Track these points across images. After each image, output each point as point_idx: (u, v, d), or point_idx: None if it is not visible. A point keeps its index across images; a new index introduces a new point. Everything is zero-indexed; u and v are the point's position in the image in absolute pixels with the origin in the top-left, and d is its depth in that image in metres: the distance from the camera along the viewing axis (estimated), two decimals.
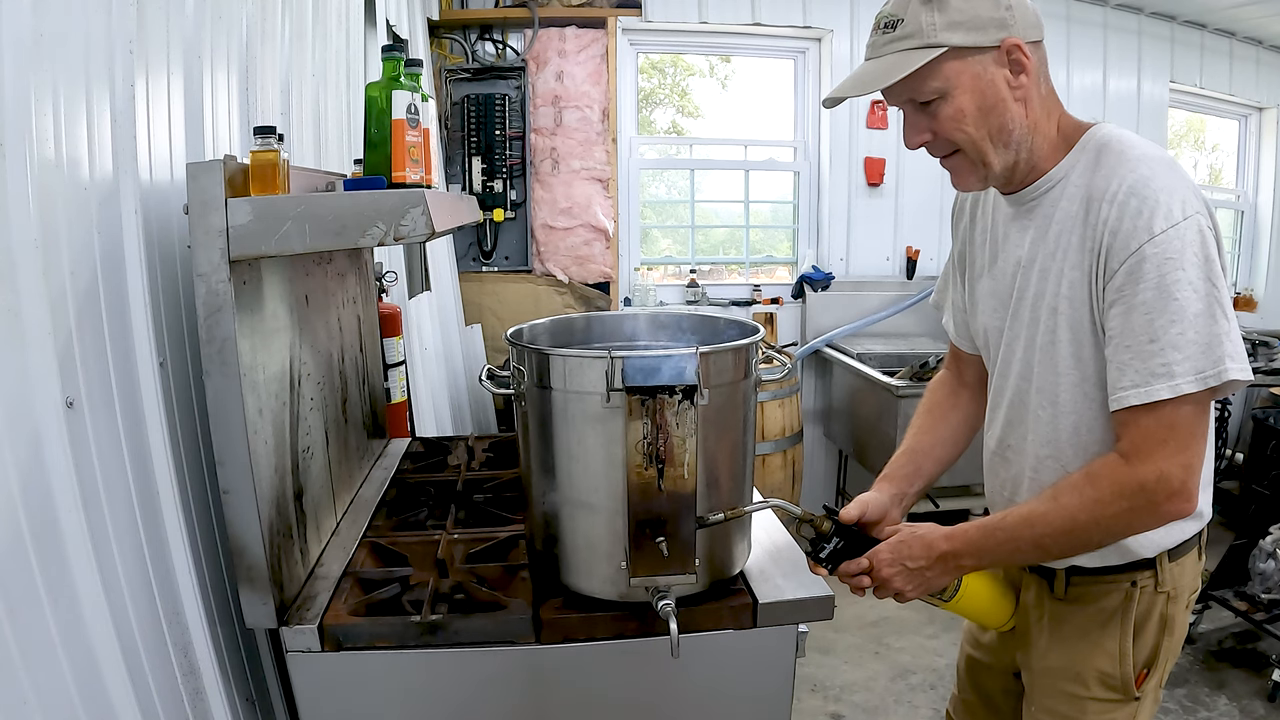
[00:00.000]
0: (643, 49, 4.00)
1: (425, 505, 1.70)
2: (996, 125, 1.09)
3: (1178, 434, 1.02)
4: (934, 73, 1.06)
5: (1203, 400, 1.02)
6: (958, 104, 1.07)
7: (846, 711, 2.66)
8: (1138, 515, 1.05)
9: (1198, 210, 1.01)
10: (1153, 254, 1.00)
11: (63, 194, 1.01)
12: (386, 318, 2.14)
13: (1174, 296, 0.99)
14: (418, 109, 1.32)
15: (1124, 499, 1.03)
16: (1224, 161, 4.98)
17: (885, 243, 4.12)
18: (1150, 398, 1.01)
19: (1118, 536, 1.10)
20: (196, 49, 1.34)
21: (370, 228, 1.09)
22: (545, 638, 1.26)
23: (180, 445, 1.25)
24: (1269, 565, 2.80)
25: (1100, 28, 4.15)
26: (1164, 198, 1.01)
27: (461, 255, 3.72)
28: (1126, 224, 1.02)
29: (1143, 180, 1.03)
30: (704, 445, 1.18)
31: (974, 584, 1.25)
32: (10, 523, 0.89)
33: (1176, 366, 0.99)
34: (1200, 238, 1.00)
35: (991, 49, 1.06)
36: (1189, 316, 0.99)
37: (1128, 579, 1.19)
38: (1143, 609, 1.19)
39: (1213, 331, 1.00)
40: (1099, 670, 1.21)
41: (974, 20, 1.04)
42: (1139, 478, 1.02)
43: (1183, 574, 1.20)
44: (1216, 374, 0.99)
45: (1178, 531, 1.17)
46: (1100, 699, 1.22)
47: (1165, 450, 1.02)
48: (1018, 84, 1.07)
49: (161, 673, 1.14)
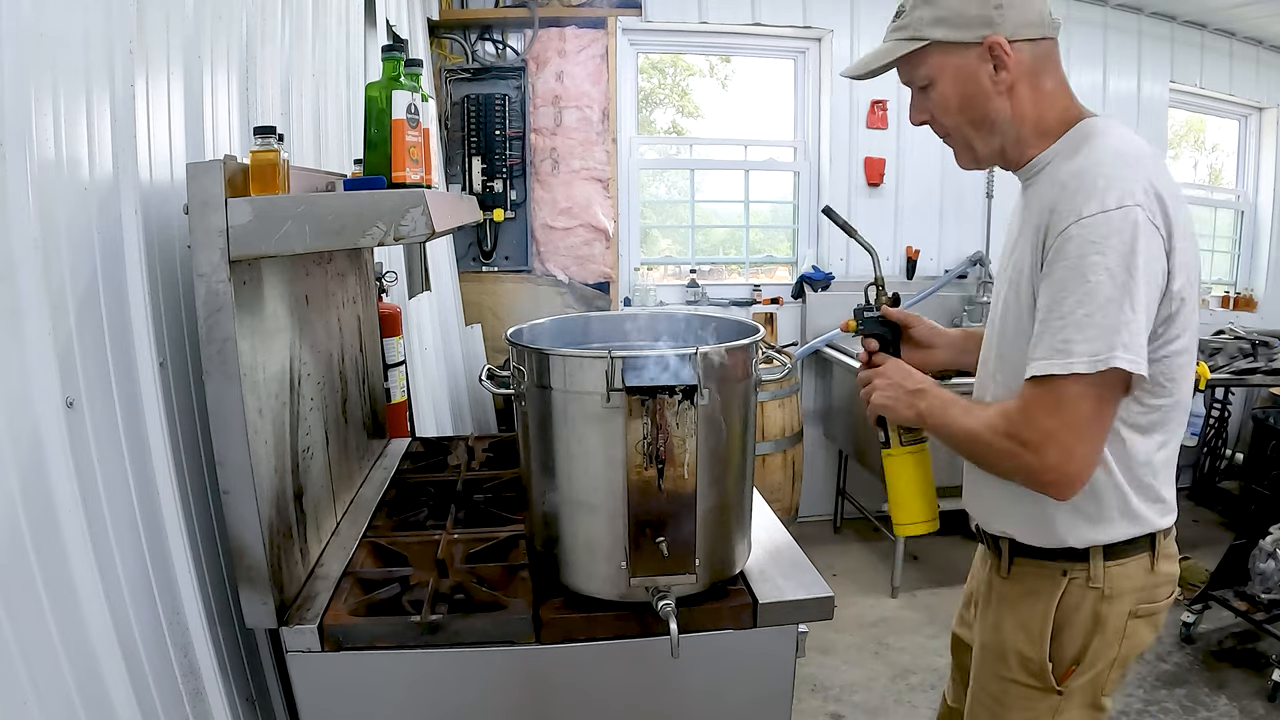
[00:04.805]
0: (643, 49, 4.00)
1: (425, 505, 1.70)
2: (979, 114, 1.18)
3: (1064, 412, 1.07)
4: (921, 62, 1.19)
5: (1096, 385, 1.06)
6: (942, 92, 1.19)
7: (846, 711, 2.66)
8: (1013, 465, 1.13)
9: (1139, 203, 1.04)
10: (1077, 235, 1.05)
11: (63, 194, 1.01)
12: (386, 318, 2.14)
13: (1087, 278, 1.04)
14: (418, 109, 1.32)
15: (1006, 440, 1.12)
16: (1224, 161, 4.98)
17: (885, 243, 4.12)
18: (1046, 370, 1.07)
19: (991, 468, 1.20)
20: (196, 49, 1.34)
21: (370, 228, 1.09)
22: (545, 638, 1.26)
23: (180, 445, 1.25)
24: (1269, 565, 2.80)
25: (1100, 28, 4.16)
26: (1102, 184, 1.05)
27: (461, 255, 3.72)
28: (1063, 205, 1.07)
29: (1091, 166, 1.08)
30: (704, 445, 1.18)
31: (909, 458, 1.35)
32: (10, 523, 0.89)
33: (1074, 346, 1.04)
34: (1132, 229, 1.03)
35: (974, 45, 1.15)
36: (1098, 300, 1.03)
37: (1059, 567, 1.21)
38: (1072, 600, 1.21)
39: (1117, 319, 1.03)
40: (1019, 651, 1.25)
41: (959, 18, 1.14)
42: (1023, 437, 1.10)
43: (1125, 577, 1.19)
44: (1106, 359, 1.03)
45: (1115, 530, 1.18)
46: (1021, 683, 1.25)
47: (1048, 422, 1.08)
48: (999, 79, 1.15)
49: (161, 673, 1.14)
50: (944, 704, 1.61)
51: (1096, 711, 1.25)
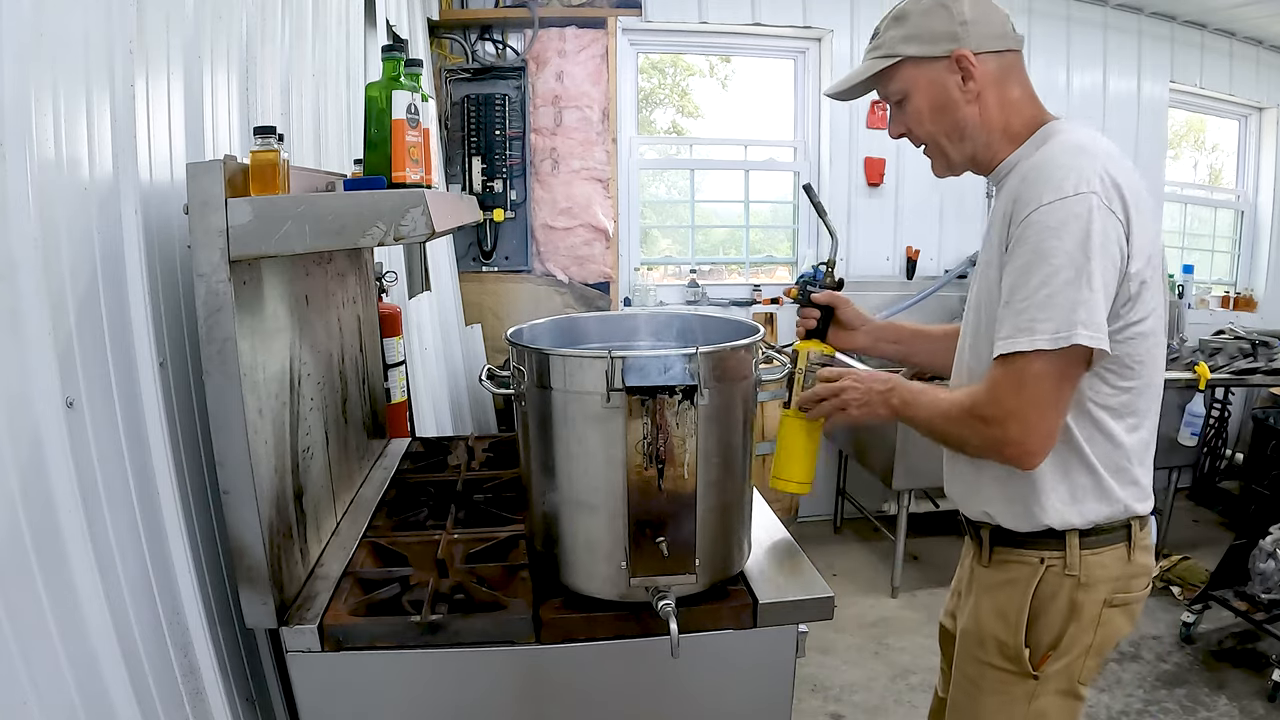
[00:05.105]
0: (643, 49, 4.00)
1: (425, 505, 1.70)
2: (950, 122, 1.27)
3: (1026, 387, 1.14)
4: (895, 77, 1.28)
5: (1057, 363, 1.12)
6: (916, 104, 1.28)
7: (846, 711, 2.66)
8: (981, 442, 1.21)
9: (1094, 190, 1.11)
10: (1037, 221, 1.12)
11: (63, 194, 1.01)
12: (386, 318, 2.14)
13: (1048, 261, 1.11)
14: (418, 109, 1.32)
15: (972, 419, 1.20)
16: (1224, 161, 4.98)
17: (885, 243, 4.12)
18: (1011, 348, 1.13)
19: (962, 448, 1.28)
20: (196, 49, 1.34)
21: (370, 228, 1.09)
22: (545, 638, 1.26)
23: (180, 445, 1.25)
24: (1269, 565, 2.80)
25: (1100, 28, 4.16)
26: (1059, 174, 1.13)
27: (461, 255, 3.72)
28: (1024, 194, 1.15)
29: (1048, 158, 1.17)
30: (704, 445, 1.18)
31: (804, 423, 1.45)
32: (10, 523, 0.89)
33: (1038, 325, 1.11)
34: (1087, 213, 1.10)
35: (943, 58, 1.24)
36: (1057, 282, 1.10)
37: (1037, 555, 1.26)
38: (1049, 588, 1.25)
39: (1075, 298, 1.10)
40: (996, 636, 1.30)
41: (928, 34, 1.24)
42: (986, 413, 1.18)
43: (1101, 567, 1.24)
44: (1068, 336, 1.10)
45: (1091, 510, 1.23)
46: (998, 667, 1.30)
47: (1013, 399, 1.15)
48: (967, 89, 1.25)
49: (161, 673, 1.14)
50: (935, 697, 1.64)
51: (1073, 699, 1.30)
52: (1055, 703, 1.28)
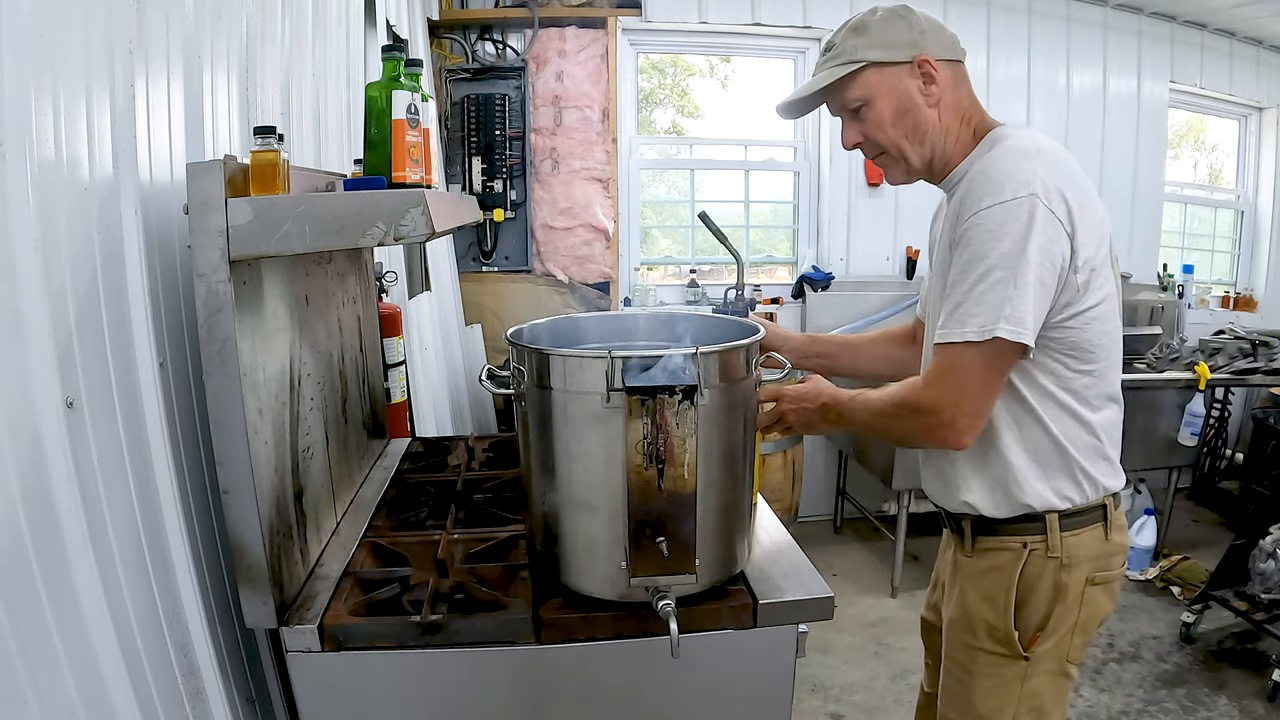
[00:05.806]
0: (643, 49, 4.00)
1: (425, 505, 1.70)
2: (911, 126, 1.31)
3: (956, 374, 1.22)
4: (857, 83, 1.31)
5: (984, 354, 1.20)
6: (878, 109, 1.31)
7: (846, 711, 2.66)
8: (914, 428, 1.28)
9: (1034, 192, 1.16)
10: (977, 224, 1.19)
11: (63, 194, 1.01)
12: (386, 318, 2.14)
13: (983, 261, 1.18)
14: (418, 109, 1.32)
15: (906, 410, 1.27)
16: (1224, 161, 4.98)
17: (885, 242, 4.12)
18: (944, 339, 1.22)
19: (901, 440, 1.37)
20: (196, 49, 1.34)
21: (370, 228, 1.09)
22: (545, 638, 1.26)
23: (180, 445, 1.25)
24: (1269, 565, 2.80)
25: (1100, 28, 4.16)
26: (1000, 178, 1.19)
27: (461, 255, 3.72)
28: (969, 198, 1.21)
29: (991, 163, 1.23)
30: (704, 445, 1.18)
31: None
32: (10, 523, 0.89)
33: (969, 319, 1.19)
34: (1027, 216, 1.16)
35: (905, 63, 1.29)
36: (990, 280, 1.17)
37: (1019, 539, 1.32)
38: (1033, 571, 1.31)
39: (1003, 295, 1.17)
40: (986, 621, 1.35)
41: (889, 41, 1.29)
42: (918, 399, 1.25)
43: (1081, 547, 1.31)
44: (991, 330, 1.17)
45: (1068, 487, 1.30)
46: (989, 651, 1.35)
47: (943, 384, 1.23)
48: (928, 92, 1.30)
49: (161, 673, 1.14)
50: (922, 693, 1.66)
51: (1063, 678, 1.35)
52: (1047, 683, 1.34)
